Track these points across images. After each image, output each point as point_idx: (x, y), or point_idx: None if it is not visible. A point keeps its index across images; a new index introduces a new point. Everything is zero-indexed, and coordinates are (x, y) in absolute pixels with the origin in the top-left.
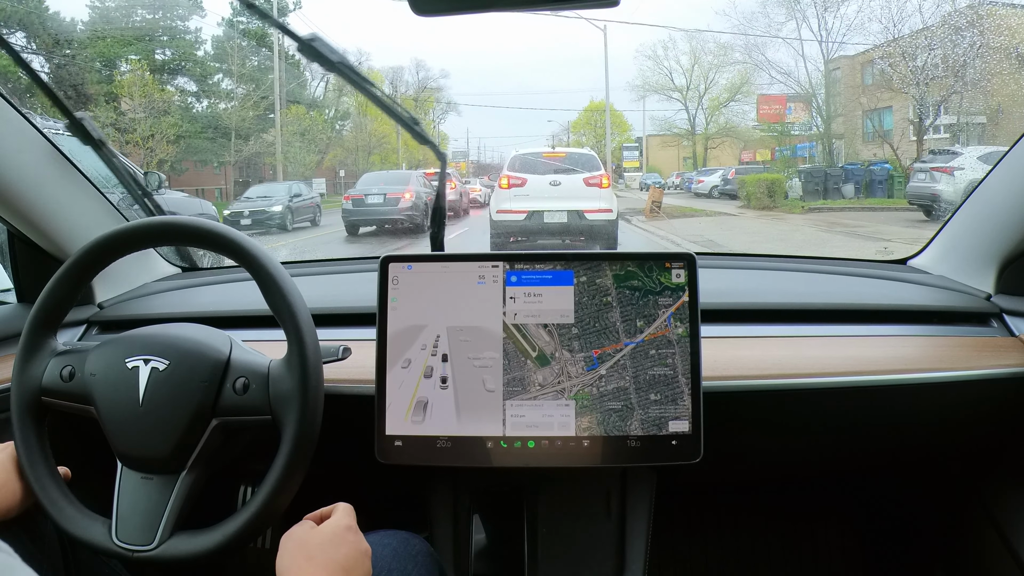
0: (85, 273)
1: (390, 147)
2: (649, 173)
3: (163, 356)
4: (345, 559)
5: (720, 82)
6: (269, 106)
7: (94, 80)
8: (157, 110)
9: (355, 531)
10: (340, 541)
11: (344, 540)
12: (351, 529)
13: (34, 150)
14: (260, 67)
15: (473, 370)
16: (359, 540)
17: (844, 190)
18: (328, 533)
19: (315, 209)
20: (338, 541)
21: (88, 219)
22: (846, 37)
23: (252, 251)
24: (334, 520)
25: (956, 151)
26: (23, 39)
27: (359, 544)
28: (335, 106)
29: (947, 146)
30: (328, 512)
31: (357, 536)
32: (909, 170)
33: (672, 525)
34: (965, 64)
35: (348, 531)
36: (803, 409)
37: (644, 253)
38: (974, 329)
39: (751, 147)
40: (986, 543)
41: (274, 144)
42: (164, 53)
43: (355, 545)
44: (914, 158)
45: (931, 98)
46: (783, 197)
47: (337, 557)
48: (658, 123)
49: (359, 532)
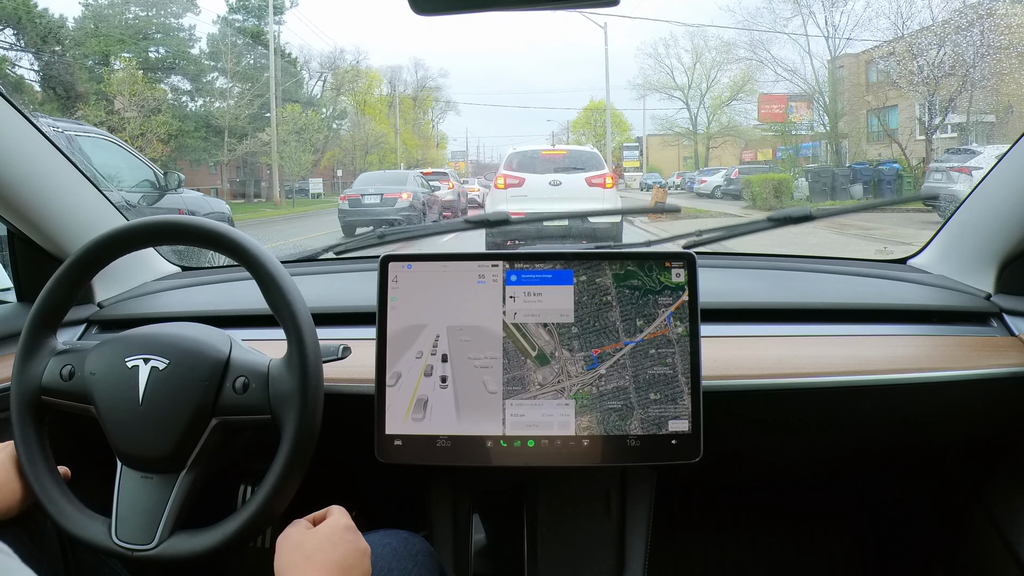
0: (85, 272)
1: (388, 146)
2: (649, 173)
3: (163, 355)
4: (343, 558)
5: (722, 80)
6: (264, 104)
7: (84, 78)
8: (147, 108)
9: (353, 531)
10: (338, 540)
11: (343, 539)
12: (349, 528)
13: (34, 149)
14: (256, 65)
15: (473, 369)
16: (358, 539)
17: (852, 190)
18: (326, 533)
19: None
20: (336, 540)
21: (88, 218)
22: (853, 33)
23: (252, 250)
24: (331, 520)
25: (975, 150)
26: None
27: (358, 543)
28: (333, 105)
29: (962, 145)
30: (323, 515)
31: (356, 535)
32: (918, 170)
33: (672, 524)
34: (975, 61)
35: (347, 531)
36: (802, 409)
37: (644, 252)
38: (974, 329)
39: (752, 147)
40: (986, 542)
41: (269, 144)
42: (158, 51)
43: (353, 544)
44: (922, 158)
45: (940, 96)
46: (790, 197)
47: (335, 556)
48: (659, 122)
49: (357, 531)
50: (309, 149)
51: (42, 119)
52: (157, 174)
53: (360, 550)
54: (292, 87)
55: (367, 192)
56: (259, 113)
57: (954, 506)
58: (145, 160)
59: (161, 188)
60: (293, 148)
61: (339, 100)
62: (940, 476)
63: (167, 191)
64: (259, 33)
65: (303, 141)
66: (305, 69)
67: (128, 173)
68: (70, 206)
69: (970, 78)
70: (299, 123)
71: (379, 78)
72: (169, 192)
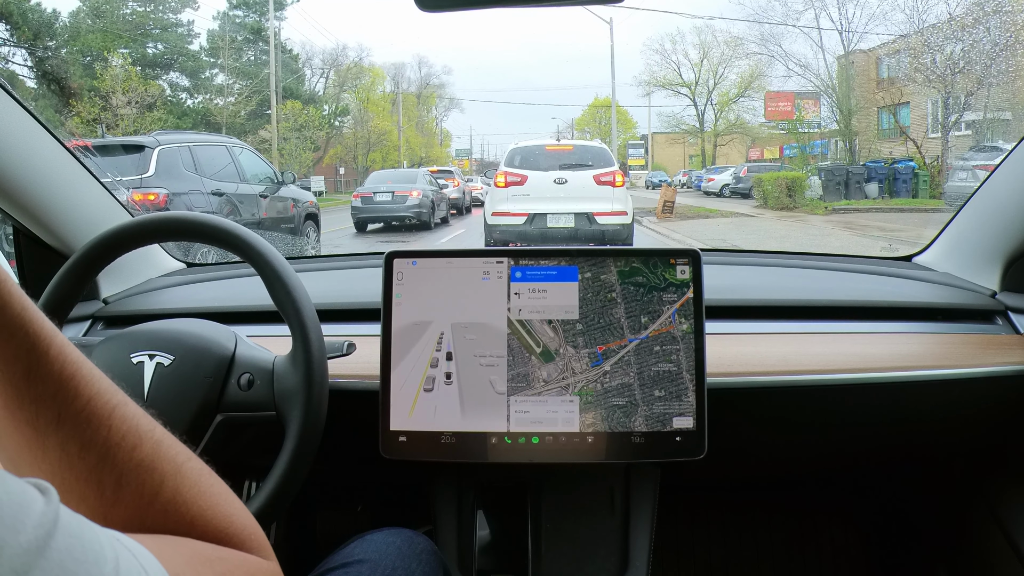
0: (90, 269)
1: (391, 144)
2: (655, 171)
3: (168, 351)
4: None
5: (730, 77)
6: (264, 101)
7: (78, 74)
8: (142, 104)
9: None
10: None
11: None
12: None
13: (38, 145)
14: (256, 61)
15: (477, 366)
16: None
17: (867, 189)
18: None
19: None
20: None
21: (93, 215)
22: (867, 27)
23: (257, 247)
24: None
25: (1001, 147)
26: (4, 31)
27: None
28: (335, 102)
29: (984, 142)
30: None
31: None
32: (933, 168)
33: (676, 521)
34: (992, 57)
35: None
36: (807, 406)
37: (649, 249)
38: (978, 326)
39: (759, 144)
40: (990, 541)
41: (269, 141)
42: (155, 47)
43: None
44: (936, 155)
45: (955, 92)
46: (802, 196)
47: None
48: (664, 120)
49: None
50: (310, 147)
51: (183, 134)
52: (275, 172)
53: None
54: (293, 83)
55: (379, 190)
56: (259, 110)
57: (958, 504)
58: (267, 161)
59: (278, 182)
60: (294, 145)
61: (341, 97)
62: (944, 474)
63: (283, 184)
64: (260, 29)
65: (304, 138)
66: (307, 66)
67: (259, 170)
68: (75, 203)
69: (987, 74)
70: (300, 120)
71: (382, 75)
72: (284, 185)
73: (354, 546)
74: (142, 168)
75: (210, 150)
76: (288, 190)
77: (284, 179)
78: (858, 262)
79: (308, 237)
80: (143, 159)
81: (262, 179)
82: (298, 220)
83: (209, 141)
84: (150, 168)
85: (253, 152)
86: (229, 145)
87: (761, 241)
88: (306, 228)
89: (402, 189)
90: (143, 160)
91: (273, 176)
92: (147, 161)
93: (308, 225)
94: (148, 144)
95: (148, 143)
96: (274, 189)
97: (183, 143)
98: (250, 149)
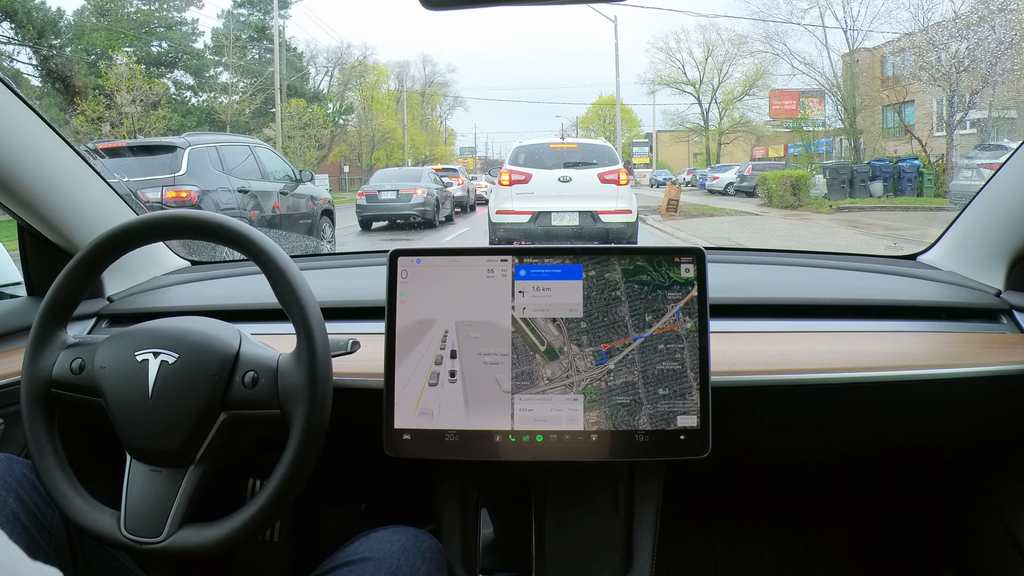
0: (95, 267)
1: (395, 142)
2: (659, 169)
3: (172, 349)
4: None
5: (735, 75)
6: (268, 99)
7: (83, 72)
8: (147, 103)
9: None
10: None
11: None
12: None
13: (44, 144)
14: (260, 60)
15: (482, 364)
16: None
17: (872, 188)
18: None
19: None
20: None
21: (98, 213)
22: (872, 25)
23: (261, 245)
24: None
25: (1006, 146)
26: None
27: None
28: (339, 100)
29: (988, 140)
30: None
31: None
32: (938, 166)
33: (680, 519)
34: (997, 55)
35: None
36: (812, 405)
37: (653, 247)
38: (983, 325)
39: (764, 143)
40: (994, 539)
41: (273, 139)
42: (160, 45)
43: None
44: (941, 154)
45: (961, 91)
46: (807, 195)
47: None
48: (669, 118)
49: None
50: (314, 145)
51: (210, 135)
52: (294, 170)
53: None
54: (297, 82)
55: (384, 188)
56: (263, 108)
57: (962, 503)
58: (286, 160)
59: (297, 180)
60: (298, 143)
61: (346, 95)
62: (948, 473)
63: (301, 182)
64: (264, 27)
65: (308, 137)
66: (312, 64)
67: (278, 168)
68: (80, 201)
69: (992, 72)
70: (304, 118)
71: (386, 73)
72: (302, 183)
73: (358, 544)
74: (174, 167)
75: (234, 149)
76: (306, 187)
77: (302, 177)
78: (863, 261)
79: (324, 232)
80: (175, 159)
81: (281, 176)
82: (315, 217)
83: (234, 141)
84: (182, 167)
85: (272, 151)
86: (252, 145)
87: (765, 239)
88: (322, 224)
89: (406, 187)
90: (175, 160)
91: (291, 174)
92: (179, 161)
93: (324, 221)
94: (180, 145)
95: (180, 144)
96: (293, 186)
97: (211, 143)
98: (270, 148)
